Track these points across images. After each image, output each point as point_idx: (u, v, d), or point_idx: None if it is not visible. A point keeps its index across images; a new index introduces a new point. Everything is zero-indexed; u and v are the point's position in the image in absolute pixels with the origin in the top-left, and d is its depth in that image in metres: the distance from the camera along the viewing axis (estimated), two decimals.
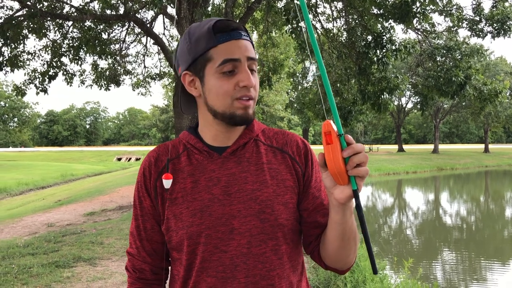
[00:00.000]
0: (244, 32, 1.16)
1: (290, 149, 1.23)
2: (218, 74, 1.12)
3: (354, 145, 0.96)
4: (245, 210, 1.13)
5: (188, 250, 1.14)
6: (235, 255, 1.13)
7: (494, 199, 20.01)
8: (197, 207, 1.14)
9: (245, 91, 1.12)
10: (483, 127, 52.28)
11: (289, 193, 1.17)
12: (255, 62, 1.16)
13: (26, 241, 7.12)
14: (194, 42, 1.15)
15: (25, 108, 65.09)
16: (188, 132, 1.26)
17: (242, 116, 1.14)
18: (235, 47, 1.12)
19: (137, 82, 15.73)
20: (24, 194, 20.95)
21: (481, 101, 12.46)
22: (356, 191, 0.98)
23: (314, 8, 11.47)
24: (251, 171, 1.17)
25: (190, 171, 1.19)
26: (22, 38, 10.67)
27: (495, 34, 11.13)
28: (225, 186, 1.15)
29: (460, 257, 9.68)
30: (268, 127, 1.30)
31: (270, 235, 1.14)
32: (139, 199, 1.24)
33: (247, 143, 1.21)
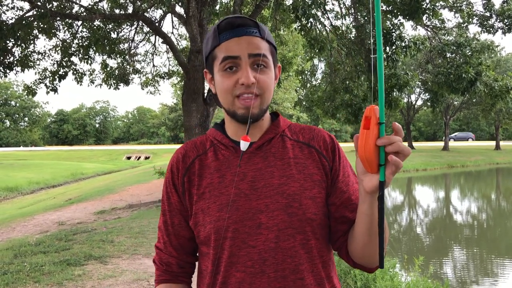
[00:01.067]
0: (253, 27, 1.16)
1: (317, 144, 1.23)
2: (221, 72, 1.16)
3: (392, 136, 0.93)
4: (272, 205, 1.14)
5: (215, 245, 1.16)
6: (263, 250, 1.13)
7: (506, 196, 19.82)
8: (224, 202, 1.16)
9: (244, 89, 1.13)
10: (494, 124, 51.75)
11: (316, 187, 1.18)
12: (263, 58, 1.15)
13: (38, 239, 7.18)
14: (205, 42, 1.21)
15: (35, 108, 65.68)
16: (215, 128, 1.28)
17: (243, 116, 1.15)
18: (236, 44, 1.14)
19: (146, 81, 15.78)
20: (35, 193, 21.15)
21: (492, 98, 12.34)
22: (382, 183, 0.95)
23: (322, 5, 11.42)
24: (278, 165, 1.18)
25: (217, 166, 1.21)
26: (33, 38, 10.76)
27: (506, 30, 11.01)
28: (252, 181, 1.16)
29: (471, 255, 9.60)
30: (294, 123, 1.30)
31: (298, 229, 1.14)
32: (167, 194, 1.27)
33: (273, 138, 1.22)
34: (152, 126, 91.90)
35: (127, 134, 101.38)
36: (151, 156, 44.73)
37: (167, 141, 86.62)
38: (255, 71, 1.14)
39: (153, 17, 13.16)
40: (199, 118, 10.29)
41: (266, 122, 1.25)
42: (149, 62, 15.84)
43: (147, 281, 4.88)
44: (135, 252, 6.17)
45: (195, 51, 10.16)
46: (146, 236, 7.15)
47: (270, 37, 1.20)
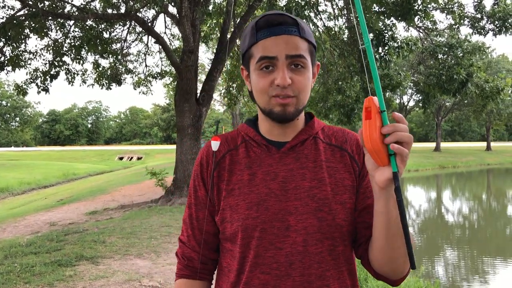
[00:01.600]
0: (292, 26, 1.13)
1: (350, 147, 1.21)
2: (258, 71, 1.13)
3: (397, 124, 0.91)
4: (302, 207, 1.11)
5: (242, 243, 1.13)
6: (290, 253, 1.10)
7: (496, 197, 19.97)
8: (254, 200, 1.13)
9: (280, 91, 1.10)
10: (485, 125, 52.18)
11: (347, 192, 1.15)
12: (299, 59, 1.12)
13: (29, 240, 7.13)
14: (243, 39, 1.19)
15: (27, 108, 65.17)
16: (247, 124, 1.26)
17: (279, 114, 1.12)
18: (273, 44, 1.11)
19: (139, 81, 15.74)
20: (26, 194, 21.01)
21: (483, 99, 12.46)
22: (396, 174, 0.93)
23: (315, 6, 11.45)
24: (309, 168, 1.16)
25: (248, 163, 1.18)
26: (24, 38, 10.69)
27: (496, 31, 11.11)
28: (283, 182, 1.14)
29: (462, 254, 9.67)
30: (328, 125, 1.28)
31: (327, 234, 1.11)
32: (194, 188, 1.25)
33: (306, 140, 1.20)
34: (145, 126, 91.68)
35: (120, 134, 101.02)
36: (144, 157, 44.59)
37: (159, 142, 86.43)
38: (292, 71, 1.11)
39: (145, 17, 13.14)
40: (191, 118, 10.27)
41: (301, 122, 1.22)
42: (141, 62, 15.83)
43: (139, 281, 4.86)
44: (127, 252, 6.15)
45: (188, 51, 10.15)
46: (138, 237, 7.12)
47: (310, 35, 1.17)
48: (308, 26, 1.20)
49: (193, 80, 10.37)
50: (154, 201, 11.30)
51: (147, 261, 5.73)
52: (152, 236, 7.13)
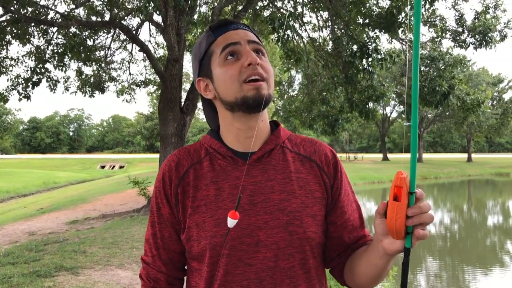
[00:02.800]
0: (244, 26, 1.15)
1: (319, 158, 1.17)
2: (222, 62, 1.10)
3: (422, 204, 0.91)
4: (272, 221, 1.07)
5: (210, 262, 1.08)
6: (260, 269, 1.07)
7: (477, 208, 20.24)
8: (221, 217, 1.07)
9: (251, 70, 1.07)
10: (466, 136, 53.03)
11: (317, 204, 1.12)
12: (260, 46, 1.12)
13: (7, 250, 6.98)
14: (197, 47, 1.17)
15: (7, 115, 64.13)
16: (210, 136, 1.20)
17: (255, 97, 1.06)
18: (233, 34, 1.12)
19: (122, 89, 15.63)
20: (4, 202, 20.59)
21: (464, 111, 12.66)
22: (408, 250, 0.94)
23: (300, 17, 11.55)
24: (278, 179, 1.11)
25: (213, 177, 1.12)
26: (5, 44, 10.53)
27: (477, 45, 11.31)
28: (250, 195, 1.09)
29: (443, 265, 9.74)
30: (294, 134, 1.24)
31: (298, 248, 1.08)
32: (157, 205, 1.17)
33: (273, 150, 1.15)
34: (128, 135, 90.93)
35: (102, 142, 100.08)
36: (126, 165, 44.22)
37: (142, 150, 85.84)
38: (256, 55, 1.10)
39: (130, 25, 13.10)
40: (175, 127, 10.21)
41: (266, 130, 1.17)
42: (125, 70, 15.77)
43: None
44: (108, 263, 6.05)
45: (173, 60, 10.12)
46: (119, 247, 7.02)
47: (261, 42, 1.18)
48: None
49: (177, 88, 10.33)
50: (136, 210, 11.18)
51: (128, 271, 5.65)
52: (134, 246, 7.04)
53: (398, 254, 1.00)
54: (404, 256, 0.94)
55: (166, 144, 10.28)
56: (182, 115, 10.36)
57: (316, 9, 11.58)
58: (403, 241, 0.94)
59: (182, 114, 10.36)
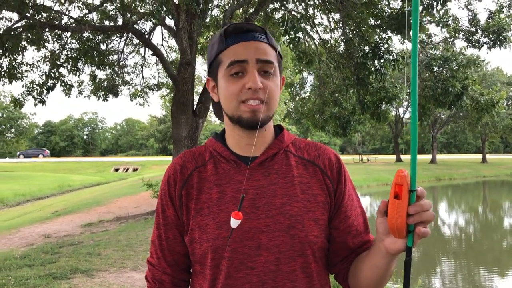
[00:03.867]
0: (261, 34, 1.13)
1: (322, 163, 1.17)
2: (227, 76, 1.11)
3: (423, 202, 0.91)
4: (274, 225, 1.08)
5: (212, 264, 1.10)
6: (262, 272, 1.07)
7: (493, 209, 19.99)
8: (224, 219, 1.08)
9: (251, 94, 1.07)
10: (480, 137, 52.37)
11: (320, 209, 1.13)
12: (270, 64, 1.10)
13: (23, 252, 7.07)
14: (210, 48, 1.17)
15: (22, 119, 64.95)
16: (215, 139, 1.21)
17: (249, 120, 1.09)
18: (243, 48, 1.10)
19: (135, 92, 15.74)
20: (21, 205, 20.85)
21: (478, 111, 12.52)
22: (410, 248, 0.94)
23: (311, 19, 11.54)
24: (280, 184, 1.12)
25: (216, 180, 1.14)
26: (21, 49, 10.69)
27: (491, 45, 11.20)
28: (253, 199, 1.10)
29: (459, 267, 9.64)
30: (299, 138, 1.25)
31: (299, 252, 1.09)
32: (162, 207, 1.19)
33: (277, 154, 1.16)
34: (141, 138, 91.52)
35: (115, 146, 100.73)
36: (140, 168, 44.44)
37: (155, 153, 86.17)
38: (262, 77, 1.09)
39: (143, 29, 13.18)
40: (188, 130, 10.27)
41: (270, 135, 1.18)
42: (138, 73, 15.80)
43: None
44: (122, 265, 6.10)
45: (185, 63, 10.18)
46: (133, 249, 7.08)
47: (277, 45, 1.16)
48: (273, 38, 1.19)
49: (190, 91, 10.39)
50: (150, 213, 11.25)
51: (142, 273, 5.68)
52: (148, 248, 7.07)
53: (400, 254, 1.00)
54: (406, 255, 0.95)
55: (179, 147, 10.34)
56: (195, 118, 10.41)
57: (327, 11, 11.56)
58: (405, 240, 0.94)
59: (194, 116, 10.42)
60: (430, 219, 0.91)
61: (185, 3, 7.95)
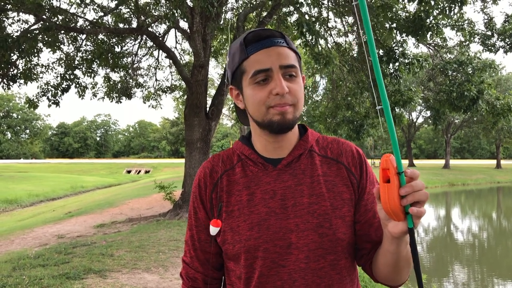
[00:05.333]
0: (280, 38, 1.15)
1: (346, 160, 1.21)
2: (252, 84, 1.13)
3: (414, 183, 0.92)
4: (303, 224, 1.12)
5: (246, 264, 1.14)
6: (293, 270, 1.11)
7: (507, 216, 19.71)
8: (255, 221, 1.14)
9: (279, 99, 1.10)
10: (494, 142, 51.80)
11: (346, 206, 1.16)
12: (292, 69, 1.13)
13: (37, 252, 7.12)
14: (231, 57, 1.19)
15: (37, 120, 65.82)
16: (242, 142, 1.25)
17: (280, 122, 1.11)
18: (266, 56, 1.12)
19: (148, 95, 15.84)
20: (34, 206, 21.08)
21: (494, 116, 12.36)
22: (412, 229, 0.95)
23: (325, 22, 11.51)
24: (307, 183, 1.16)
25: (246, 183, 1.18)
26: (37, 51, 10.81)
27: (507, 49, 11.08)
28: (281, 199, 1.14)
29: (472, 274, 9.52)
30: (322, 135, 1.28)
31: (329, 249, 1.13)
32: (194, 209, 1.25)
33: (302, 155, 1.19)
34: (153, 140, 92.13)
35: (128, 147, 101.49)
36: (152, 170, 44.69)
37: (167, 155, 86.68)
38: (286, 80, 1.12)
39: (157, 31, 13.28)
40: (201, 133, 10.29)
41: (295, 135, 1.21)
42: (151, 76, 15.97)
43: None
44: (135, 266, 6.11)
45: (198, 66, 10.22)
46: (146, 251, 7.09)
47: (294, 46, 1.18)
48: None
49: (203, 94, 10.42)
50: (162, 214, 11.28)
51: (155, 275, 5.69)
52: (160, 250, 7.09)
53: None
54: (409, 236, 0.95)
55: (192, 149, 10.37)
56: (208, 121, 10.44)
57: (341, 14, 11.53)
58: (405, 222, 0.94)
59: (207, 119, 10.44)
60: (423, 198, 0.92)
61: (200, 5, 7.98)
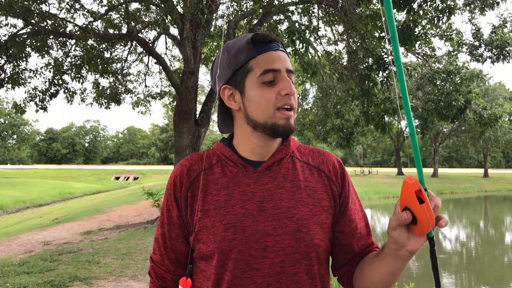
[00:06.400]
0: (281, 44, 1.18)
1: (327, 168, 1.21)
2: (259, 84, 1.13)
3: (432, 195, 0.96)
4: (280, 228, 1.11)
5: (218, 265, 1.12)
6: (268, 274, 1.10)
7: (494, 224, 19.87)
8: (231, 222, 1.11)
9: (287, 100, 1.12)
10: (482, 151, 52.34)
11: (324, 213, 1.16)
12: (293, 75, 1.16)
13: (22, 259, 7.02)
14: (234, 55, 1.16)
15: (24, 126, 65.18)
16: (223, 144, 1.24)
17: (285, 127, 1.13)
18: (275, 57, 1.13)
19: (138, 101, 15.75)
20: (20, 212, 20.82)
21: (481, 125, 12.50)
22: (432, 238, 0.98)
23: (315, 31, 11.57)
24: (287, 187, 1.15)
25: (224, 183, 1.16)
26: (25, 56, 10.72)
27: (494, 59, 11.22)
28: (260, 202, 1.13)
29: (460, 282, 9.55)
30: (303, 144, 1.28)
31: (304, 254, 1.12)
32: (167, 207, 1.22)
33: (283, 159, 1.19)
34: (142, 146, 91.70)
35: (117, 154, 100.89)
36: (140, 177, 44.43)
37: (156, 162, 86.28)
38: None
39: (147, 37, 13.24)
40: (190, 139, 10.25)
41: (277, 141, 1.21)
42: (141, 82, 15.85)
43: None
44: (121, 274, 6.04)
45: (188, 72, 10.20)
46: (133, 258, 7.02)
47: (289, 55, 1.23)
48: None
49: (192, 101, 10.39)
50: (150, 222, 11.20)
51: (141, 283, 5.63)
52: (147, 257, 7.02)
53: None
54: (431, 246, 0.99)
55: (181, 156, 10.32)
56: (197, 127, 10.40)
57: (331, 23, 11.60)
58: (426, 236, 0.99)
59: (197, 126, 10.41)
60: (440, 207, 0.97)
61: (190, 12, 7.98)
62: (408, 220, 0.96)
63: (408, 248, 1.01)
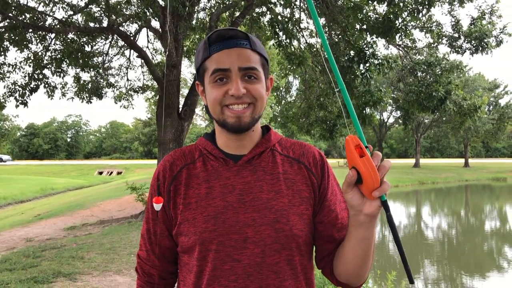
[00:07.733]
0: (244, 39, 1.16)
1: (307, 160, 1.23)
2: (212, 83, 1.15)
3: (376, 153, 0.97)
4: (260, 219, 1.13)
5: (199, 256, 1.15)
6: (248, 264, 1.12)
7: (475, 213, 20.25)
8: (211, 213, 1.14)
9: (234, 99, 1.13)
10: (463, 141, 53.13)
11: (304, 204, 1.18)
12: (252, 71, 1.15)
13: (4, 256, 6.95)
14: (197, 55, 1.22)
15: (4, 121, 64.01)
16: (205, 138, 1.27)
17: (233, 125, 1.15)
18: (226, 56, 1.14)
19: (120, 95, 15.59)
20: (2, 209, 20.51)
21: (461, 116, 12.68)
22: (386, 202, 0.98)
23: (297, 23, 11.59)
24: (267, 180, 1.18)
25: (205, 177, 1.19)
26: (3, 50, 10.53)
27: (473, 50, 11.37)
28: (240, 194, 1.16)
29: (441, 270, 9.74)
30: (285, 138, 1.30)
31: (284, 245, 1.14)
32: (151, 202, 1.24)
33: (263, 152, 1.22)
34: (125, 141, 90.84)
35: (100, 149, 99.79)
36: (124, 171, 44.08)
37: (140, 156, 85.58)
38: (245, 82, 1.14)
39: (128, 31, 13.09)
40: (173, 133, 10.22)
41: (257, 134, 1.24)
42: (123, 76, 15.65)
43: None
44: (106, 268, 6.03)
45: (170, 66, 10.14)
46: (117, 253, 7.00)
47: (262, 49, 1.20)
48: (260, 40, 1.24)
49: (175, 94, 10.34)
50: (134, 216, 11.15)
51: (126, 277, 5.63)
52: (132, 252, 7.02)
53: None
54: (386, 210, 0.99)
55: (164, 150, 10.28)
56: (180, 121, 10.37)
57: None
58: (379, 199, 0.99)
59: (180, 119, 10.37)
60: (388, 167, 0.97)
61: (171, 5, 7.93)
62: (353, 177, 0.97)
63: (365, 212, 1.02)
